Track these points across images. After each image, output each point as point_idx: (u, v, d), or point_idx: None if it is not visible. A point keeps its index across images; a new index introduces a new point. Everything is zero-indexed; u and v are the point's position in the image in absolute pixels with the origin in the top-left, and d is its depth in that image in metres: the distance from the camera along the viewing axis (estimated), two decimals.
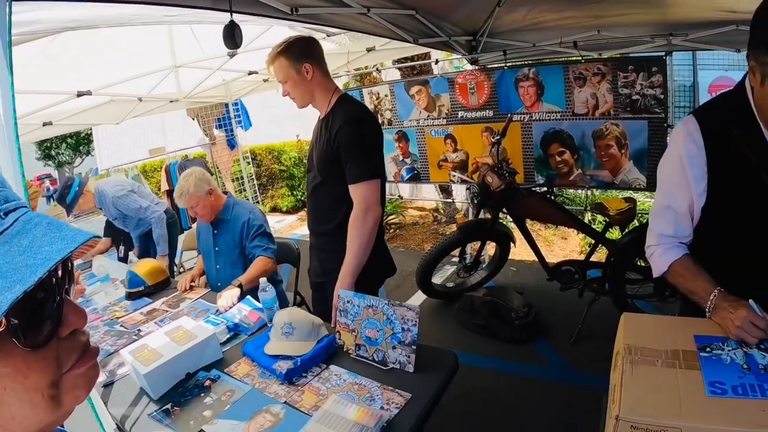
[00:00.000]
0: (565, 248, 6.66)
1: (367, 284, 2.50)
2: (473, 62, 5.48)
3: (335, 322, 2.37)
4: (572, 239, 6.86)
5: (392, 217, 8.85)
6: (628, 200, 4.12)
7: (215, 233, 3.52)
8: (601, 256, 4.61)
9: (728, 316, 1.46)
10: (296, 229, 9.62)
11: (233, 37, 2.62)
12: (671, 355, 1.39)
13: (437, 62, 6.78)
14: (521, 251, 5.75)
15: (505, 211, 4.52)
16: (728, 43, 4.07)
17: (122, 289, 3.57)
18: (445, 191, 8.27)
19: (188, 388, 2.15)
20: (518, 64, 5.30)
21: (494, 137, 4.59)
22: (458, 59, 7.07)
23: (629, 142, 4.68)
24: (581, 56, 4.68)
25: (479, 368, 3.91)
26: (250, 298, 2.91)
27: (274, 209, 11.21)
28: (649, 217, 1.87)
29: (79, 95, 4.71)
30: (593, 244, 4.41)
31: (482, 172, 4.47)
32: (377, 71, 7.35)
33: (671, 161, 1.70)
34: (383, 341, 2.10)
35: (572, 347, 4.06)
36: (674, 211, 1.72)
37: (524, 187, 4.51)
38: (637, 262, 4.16)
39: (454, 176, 6.08)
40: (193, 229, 5.85)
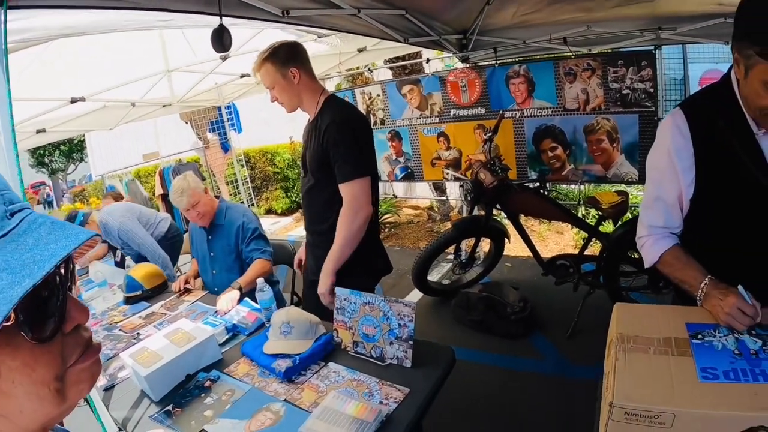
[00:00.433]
0: (559, 243, 6.69)
1: (363, 282, 2.51)
2: (464, 60, 5.50)
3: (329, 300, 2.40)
4: (566, 234, 6.89)
5: (387, 216, 8.85)
6: (620, 193, 4.14)
7: (209, 239, 3.53)
8: (595, 249, 4.65)
9: (718, 303, 1.48)
10: (291, 230, 9.62)
11: (221, 40, 2.63)
12: (663, 342, 1.41)
13: (428, 61, 6.80)
14: (516, 247, 5.78)
15: (498, 207, 4.54)
16: (717, 36, 4.10)
17: (120, 293, 3.58)
18: (438, 189, 8.30)
19: (188, 389, 2.16)
20: (509, 61, 5.32)
21: (486, 134, 4.61)
22: (449, 58, 7.10)
23: (620, 136, 4.71)
24: (571, 52, 4.72)
25: (476, 363, 3.94)
26: (247, 299, 2.93)
27: (269, 211, 11.21)
28: (639, 208, 1.90)
29: (72, 102, 4.70)
30: (587, 237, 4.44)
31: (475, 168, 4.49)
32: (369, 71, 7.36)
33: (659, 153, 1.72)
34: (380, 337, 2.12)
35: (568, 341, 4.09)
36: (664, 202, 1.75)
37: (517, 182, 4.53)
38: (630, 254, 4.19)
39: (447, 174, 6.10)
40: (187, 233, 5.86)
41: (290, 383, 2.07)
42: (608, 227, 4.75)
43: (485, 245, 5.46)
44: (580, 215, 5.60)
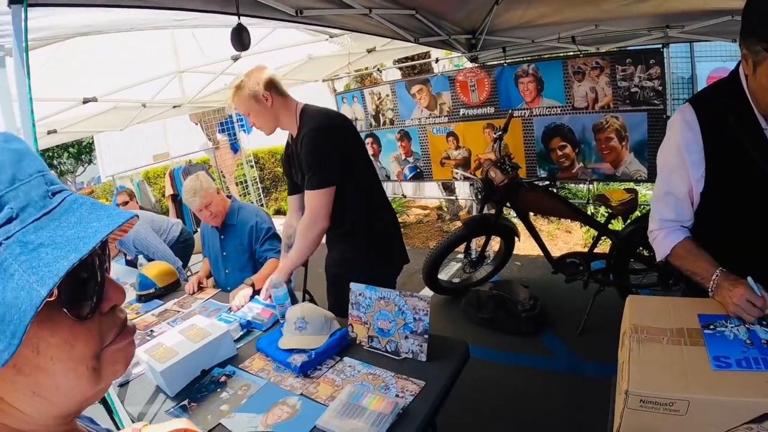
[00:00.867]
0: (568, 241, 6.68)
1: (385, 275, 2.77)
2: (473, 60, 5.51)
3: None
4: (576, 232, 6.88)
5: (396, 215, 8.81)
6: (629, 191, 4.14)
7: (222, 238, 3.55)
8: (604, 247, 4.64)
9: (728, 294, 1.50)
10: None
11: (241, 39, 2.66)
12: (676, 332, 1.43)
13: (437, 61, 6.81)
14: (525, 245, 5.79)
15: (508, 205, 4.55)
16: (724, 33, 4.10)
17: (132, 291, 3.61)
18: (448, 189, 8.30)
19: (204, 384, 2.18)
20: (517, 60, 5.33)
21: (496, 133, 4.62)
22: (458, 57, 7.10)
23: (629, 134, 4.72)
24: (580, 51, 4.73)
25: (487, 361, 3.95)
26: (258, 297, 2.94)
27: (278, 212, 11.22)
28: (650, 202, 1.92)
29: (85, 102, 4.72)
30: (596, 235, 4.44)
31: (485, 167, 4.50)
32: (378, 71, 7.37)
33: (669, 148, 1.74)
34: (396, 332, 2.15)
35: (578, 338, 4.09)
36: (674, 196, 1.76)
37: (527, 181, 4.54)
38: (640, 251, 4.20)
39: (456, 173, 6.11)
40: (199, 234, 5.88)
41: (306, 378, 2.09)
42: (617, 225, 4.76)
43: (495, 244, 5.46)
44: (589, 213, 5.61)
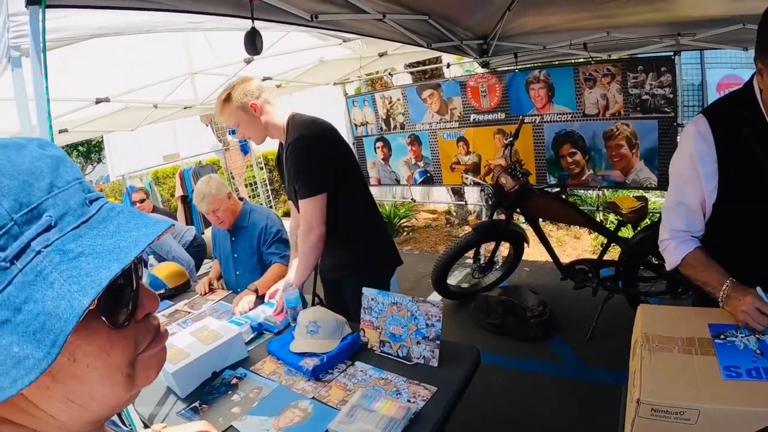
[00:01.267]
0: (577, 248, 6.67)
1: (389, 275, 2.75)
2: (484, 65, 5.52)
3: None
4: (585, 239, 6.87)
5: (405, 220, 8.90)
6: (640, 198, 4.14)
7: (233, 240, 3.56)
8: (614, 254, 4.64)
9: (737, 303, 1.51)
10: None
11: (254, 43, 2.68)
12: (687, 342, 1.45)
13: (449, 66, 6.82)
14: (534, 252, 5.79)
15: (518, 211, 4.56)
16: (736, 41, 4.10)
17: None
18: (457, 194, 8.29)
19: (215, 386, 2.20)
20: (529, 66, 5.34)
21: (507, 139, 4.62)
22: (469, 62, 7.11)
23: (640, 141, 4.72)
24: (591, 57, 4.72)
25: (496, 366, 3.95)
26: (272, 300, 2.94)
27: (286, 214, 11.22)
28: (661, 212, 1.93)
29: (97, 102, 4.75)
30: (606, 242, 4.44)
31: (496, 173, 4.50)
32: (389, 75, 7.38)
33: (682, 159, 1.75)
34: (408, 337, 2.16)
35: (587, 344, 4.10)
36: (686, 207, 1.77)
37: (537, 187, 4.54)
38: (650, 259, 4.20)
39: (466, 179, 6.12)
40: (207, 234, 5.90)
41: (317, 381, 2.10)
42: (627, 233, 4.76)
43: (504, 249, 5.47)
44: (599, 220, 5.61)
